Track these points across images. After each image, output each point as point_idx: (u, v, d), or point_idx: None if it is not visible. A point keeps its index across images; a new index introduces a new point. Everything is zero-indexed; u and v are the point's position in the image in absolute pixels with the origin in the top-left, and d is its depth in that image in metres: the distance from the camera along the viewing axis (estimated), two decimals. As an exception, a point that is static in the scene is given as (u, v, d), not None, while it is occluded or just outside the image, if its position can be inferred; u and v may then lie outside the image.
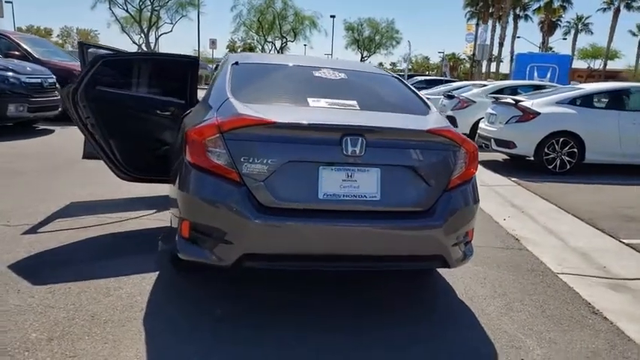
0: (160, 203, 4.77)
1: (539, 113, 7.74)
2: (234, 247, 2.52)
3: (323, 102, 2.93)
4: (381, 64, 74.61)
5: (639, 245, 4.42)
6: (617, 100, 8.21)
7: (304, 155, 2.57)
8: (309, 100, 2.95)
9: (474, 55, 42.97)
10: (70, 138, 7.77)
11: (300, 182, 2.57)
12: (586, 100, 8.07)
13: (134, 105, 4.12)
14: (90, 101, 3.87)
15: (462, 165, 2.79)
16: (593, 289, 3.47)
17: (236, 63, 3.43)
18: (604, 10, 57.01)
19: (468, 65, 64.58)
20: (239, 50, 55.43)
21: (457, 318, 2.98)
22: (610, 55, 56.32)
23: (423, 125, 2.79)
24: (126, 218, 4.35)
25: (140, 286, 3.07)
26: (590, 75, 57.35)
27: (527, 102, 8.05)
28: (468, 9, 55.77)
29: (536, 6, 53.90)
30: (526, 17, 56.80)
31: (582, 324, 2.95)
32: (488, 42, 43.70)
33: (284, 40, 56.65)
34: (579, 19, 61.48)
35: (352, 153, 2.56)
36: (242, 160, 2.52)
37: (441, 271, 3.53)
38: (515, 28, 54.85)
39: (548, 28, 55.16)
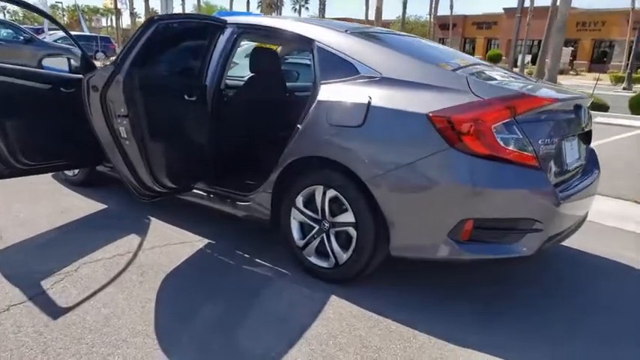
0: (117, 224, 3.46)
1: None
2: (543, 234, 2.40)
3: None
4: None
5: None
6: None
7: (563, 130, 2.61)
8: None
9: (116, 7, 40.31)
10: None
11: (558, 156, 2.59)
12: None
13: (177, 92, 2.84)
14: (134, 90, 2.48)
15: None
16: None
17: (347, 31, 2.91)
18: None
19: (104, 19, 59.87)
20: None
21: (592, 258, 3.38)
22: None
23: None
24: (126, 252, 3.02)
25: (374, 306, 2.49)
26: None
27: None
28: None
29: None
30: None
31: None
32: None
33: None
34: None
35: (584, 123, 2.77)
36: (539, 142, 2.39)
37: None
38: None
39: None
